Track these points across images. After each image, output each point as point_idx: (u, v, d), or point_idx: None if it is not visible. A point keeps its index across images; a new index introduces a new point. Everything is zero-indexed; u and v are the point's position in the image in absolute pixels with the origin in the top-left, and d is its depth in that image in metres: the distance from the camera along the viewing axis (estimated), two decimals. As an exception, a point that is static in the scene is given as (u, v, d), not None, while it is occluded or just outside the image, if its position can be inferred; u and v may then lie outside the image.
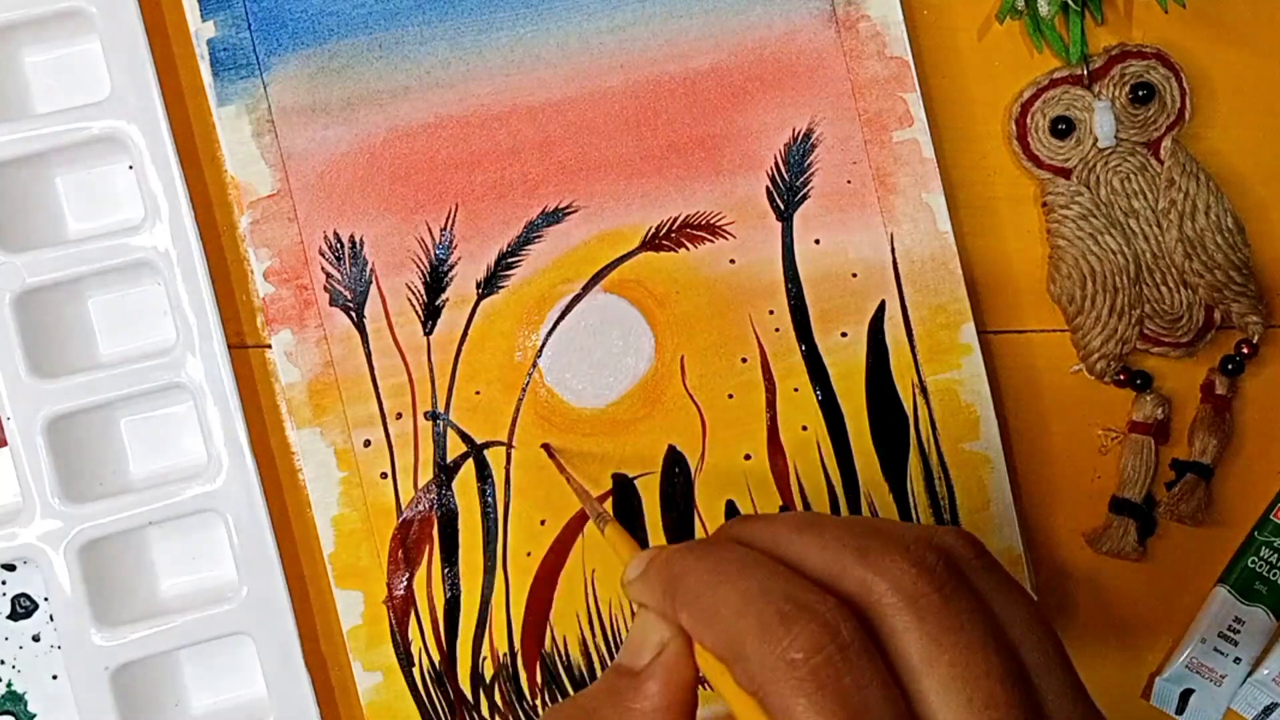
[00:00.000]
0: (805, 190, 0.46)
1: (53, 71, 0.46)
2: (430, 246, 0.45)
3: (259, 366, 0.46)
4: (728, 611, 0.28)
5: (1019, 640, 0.28)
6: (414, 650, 0.45)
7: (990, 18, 0.47)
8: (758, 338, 0.46)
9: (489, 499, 0.45)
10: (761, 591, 0.28)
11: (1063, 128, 0.46)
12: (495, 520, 0.45)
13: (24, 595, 0.47)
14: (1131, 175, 0.47)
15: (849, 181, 0.46)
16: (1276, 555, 0.47)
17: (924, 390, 0.46)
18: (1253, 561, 0.47)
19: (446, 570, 0.45)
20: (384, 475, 0.45)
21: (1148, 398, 0.47)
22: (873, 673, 0.27)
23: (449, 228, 0.45)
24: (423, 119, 0.45)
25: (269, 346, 0.46)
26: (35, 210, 0.46)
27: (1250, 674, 0.47)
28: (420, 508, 0.45)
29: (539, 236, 0.46)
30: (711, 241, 0.46)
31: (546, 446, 0.45)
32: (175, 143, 0.44)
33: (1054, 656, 0.29)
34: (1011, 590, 0.29)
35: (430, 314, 0.45)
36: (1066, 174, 0.47)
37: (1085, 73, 0.46)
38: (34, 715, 0.47)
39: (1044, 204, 0.47)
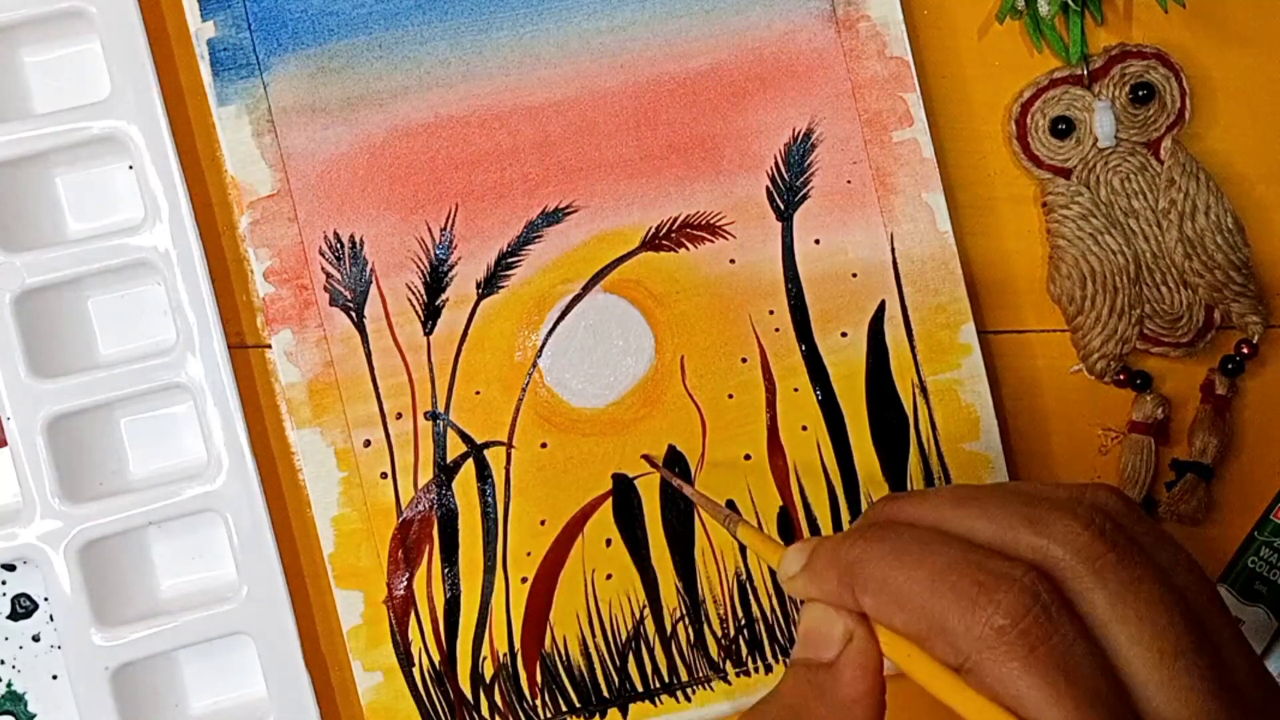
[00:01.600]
0: (805, 190, 0.46)
1: (53, 71, 0.46)
2: (430, 246, 0.45)
3: (259, 366, 0.46)
4: (919, 589, 0.29)
5: (1184, 586, 0.29)
6: (414, 650, 0.45)
7: (990, 18, 0.47)
8: (758, 338, 0.46)
9: (489, 499, 0.45)
10: (951, 565, 0.29)
11: (1063, 128, 0.46)
12: (495, 520, 0.45)
13: (24, 595, 0.47)
14: (1131, 175, 0.47)
15: (849, 181, 0.46)
16: (1276, 555, 0.47)
17: (924, 390, 0.46)
18: (1253, 561, 0.47)
19: (446, 570, 0.45)
20: (384, 475, 0.45)
21: (1148, 398, 0.47)
22: (1075, 630, 0.28)
23: (449, 228, 0.45)
24: (423, 119, 0.45)
25: (269, 346, 0.46)
26: (35, 210, 0.46)
27: (1250, 674, 0.47)
28: (420, 508, 0.45)
29: (539, 236, 0.46)
30: (711, 241, 0.46)
31: (648, 457, 0.45)
32: (175, 143, 0.44)
33: (1215, 599, 0.30)
34: (1166, 539, 0.31)
35: (430, 314, 0.45)
36: (1066, 174, 0.47)
37: (1085, 73, 0.46)
38: (34, 715, 0.47)
39: (1044, 204, 0.47)
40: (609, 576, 0.46)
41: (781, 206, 0.46)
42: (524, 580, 0.46)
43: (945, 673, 0.29)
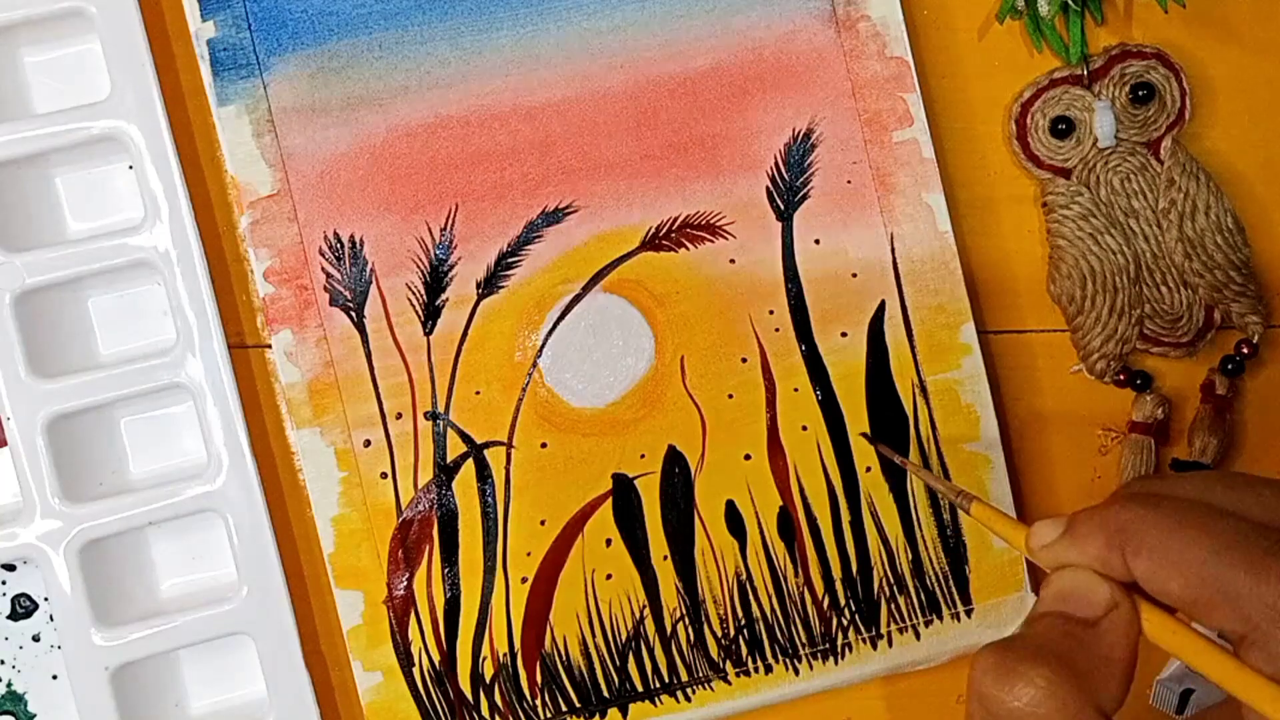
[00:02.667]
0: (805, 190, 0.46)
1: (53, 71, 0.46)
2: (430, 246, 0.45)
3: (259, 366, 0.46)
4: (1202, 554, 0.29)
5: None
6: (414, 650, 0.45)
7: (990, 18, 0.47)
8: (758, 338, 0.46)
9: (489, 499, 0.45)
10: (1237, 533, 0.29)
11: (1063, 128, 0.46)
12: (495, 520, 0.45)
13: (24, 595, 0.47)
14: (1131, 175, 0.47)
15: (849, 181, 0.46)
16: (1276, 555, 0.47)
17: (924, 390, 0.46)
18: (1253, 561, 0.47)
19: (446, 570, 0.45)
20: (384, 475, 0.45)
21: (1148, 398, 0.47)
22: None
23: (449, 228, 0.45)
24: (423, 119, 0.45)
25: (269, 346, 0.46)
26: (35, 210, 0.46)
27: (1250, 674, 0.47)
28: (420, 508, 0.45)
29: (539, 236, 0.46)
30: (711, 241, 0.46)
31: (867, 435, 0.46)
32: (175, 143, 0.44)
33: None
34: None
35: (430, 314, 0.45)
36: (1066, 174, 0.47)
37: (1085, 73, 0.46)
38: (34, 715, 0.47)
39: (1044, 204, 0.47)
40: (609, 576, 0.46)
41: (781, 206, 0.46)
42: (524, 580, 0.46)
43: (1218, 650, 0.28)
